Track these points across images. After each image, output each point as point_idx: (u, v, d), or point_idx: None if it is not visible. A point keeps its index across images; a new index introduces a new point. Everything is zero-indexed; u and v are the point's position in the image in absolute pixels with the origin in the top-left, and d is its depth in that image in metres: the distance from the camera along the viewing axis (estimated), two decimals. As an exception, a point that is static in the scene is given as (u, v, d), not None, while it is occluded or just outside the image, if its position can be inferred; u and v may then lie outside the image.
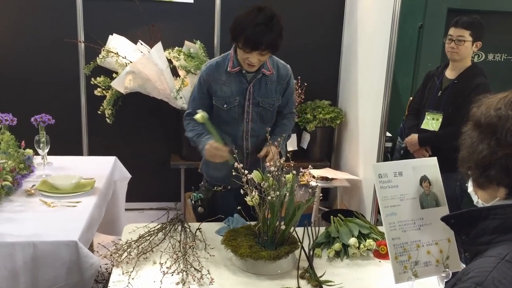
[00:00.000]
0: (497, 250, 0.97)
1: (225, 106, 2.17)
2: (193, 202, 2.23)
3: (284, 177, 1.69)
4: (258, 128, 2.22)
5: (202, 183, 2.37)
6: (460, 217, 1.09)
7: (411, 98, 3.37)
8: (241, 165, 1.70)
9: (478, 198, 1.12)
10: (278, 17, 2.03)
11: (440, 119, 2.85)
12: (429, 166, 1.56)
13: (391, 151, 3.72)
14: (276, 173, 1.67)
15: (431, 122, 2.91)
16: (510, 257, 0.94)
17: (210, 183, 2.29)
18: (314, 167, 3.68)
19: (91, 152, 3.82)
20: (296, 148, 3.84)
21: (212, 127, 2.09)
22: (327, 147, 4.04)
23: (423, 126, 2.95)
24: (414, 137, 2.97)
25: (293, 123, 2.41)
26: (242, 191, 1.72)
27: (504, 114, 1.01)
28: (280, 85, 2.23)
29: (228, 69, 2.14)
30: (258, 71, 2.16)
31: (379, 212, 3.12)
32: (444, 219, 1.13)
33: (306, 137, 3.89)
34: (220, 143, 2.08)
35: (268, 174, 1.69)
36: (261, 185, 1.68)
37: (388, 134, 3.25)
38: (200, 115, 2.05)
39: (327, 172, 3.55)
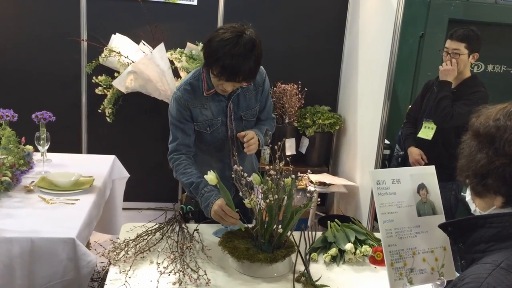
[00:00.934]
0: (492, 257, 0.99)
1: (208, 129, 2.02)
2: (181, 213, 2.09)
3: (283, 181, 1.71)
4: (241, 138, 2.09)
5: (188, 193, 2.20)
6: (457, 225, 1.11)
7: (410, 106, 3.39)
8: (241, 167, 1.71)
9: (476, 207, 1.14)
10: (259, 43, 1.81)
11: (434, 128, 2.88)
12: (427, 174, 1.57)
13: (388, 159, 3.73)
14: (275, 176, 1.68)
15: (426, 131, 2.93)
16: (506, 264, 0.96)
17: None
18: (312, 172, 3.68)
19: (90, 151, 3.83)
20: (294, 153, 3.85)
21: (226, 189, 1.81)
22: (326, 153, 4.05)
23: (419, 135, 2.98)
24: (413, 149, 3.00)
25: (274, 127, 2.24)
26: (240, 194, 1.74)
27: (503, 125, 1.03)
28: (257, 93, 2.09)
29: (204, 94, 1.98)
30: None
31: (375, 219, 3.15)
32: (442, 226, 1.15)
33: (305, 142, 3.90)
34: (231, 205, 1.81)
35: (267, 178, 1.70)
36: (260, 188, 1.69)
37: (386, 141, 3.27)
38: (213, 176, 1.76)
39: (325, 178, 3.57)
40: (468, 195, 1.17)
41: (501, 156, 1.02)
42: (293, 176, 1.73)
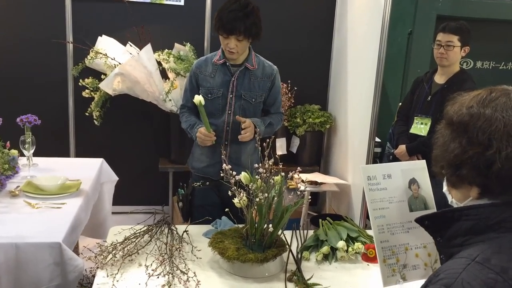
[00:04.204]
0: (468, 251, 0.95)
1: (209, 96, 2.34)
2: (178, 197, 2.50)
3: (273, 179, 1.68)
4: (239, 122, 2.35)
5: (190, 180, 2.54)
6: (434, 219, 1.08)
7: (400, 104, 3.38)
8: (229, 166, 1.69)
9: (452, 198, 1.11)
10: (255, 8, 2.21)
11: (429, 124, 2.87)
12: (418, 169, 1.55)
13: (380, 156, 3.73)
14: (265, 175, 1.66)
15: (420, 127, 2.92)
16: (481, 258, 0.91)
17: (194, 178, 2.48)
18: (304, 172, 3.68)
19: (78, 154, 3.77)
20: (285, 152, 3.83)
21: (204, 113, 2.25)
22: (317, 152, 4.03)
23: (412, 131, 2.97)
24: (402, 148, 2.98)
25: (280, 121, 2.52)
26: (222, 182, 1.73)
27: (476, 112, 0.99)
28: (264, 82, 2.38)
29: (214, 61, 2.35)
30: (241, 64, 2.34)
31: (368, 217, 3.13)
32: (418, 220, 1.11)
33: (296, 142, 3.88)
34: (208, 130, 2.28)
35: (257, 176, 1.68)
36: (249, 186, 1.66)
37: (377, 139, 3.26)
38: (198, 98, 2.20)
39: (316, 177, 3.55)
40: (444, 186, 1.14)
41: (474, 145, 0.98)
42: (282, 174, 1.71)
